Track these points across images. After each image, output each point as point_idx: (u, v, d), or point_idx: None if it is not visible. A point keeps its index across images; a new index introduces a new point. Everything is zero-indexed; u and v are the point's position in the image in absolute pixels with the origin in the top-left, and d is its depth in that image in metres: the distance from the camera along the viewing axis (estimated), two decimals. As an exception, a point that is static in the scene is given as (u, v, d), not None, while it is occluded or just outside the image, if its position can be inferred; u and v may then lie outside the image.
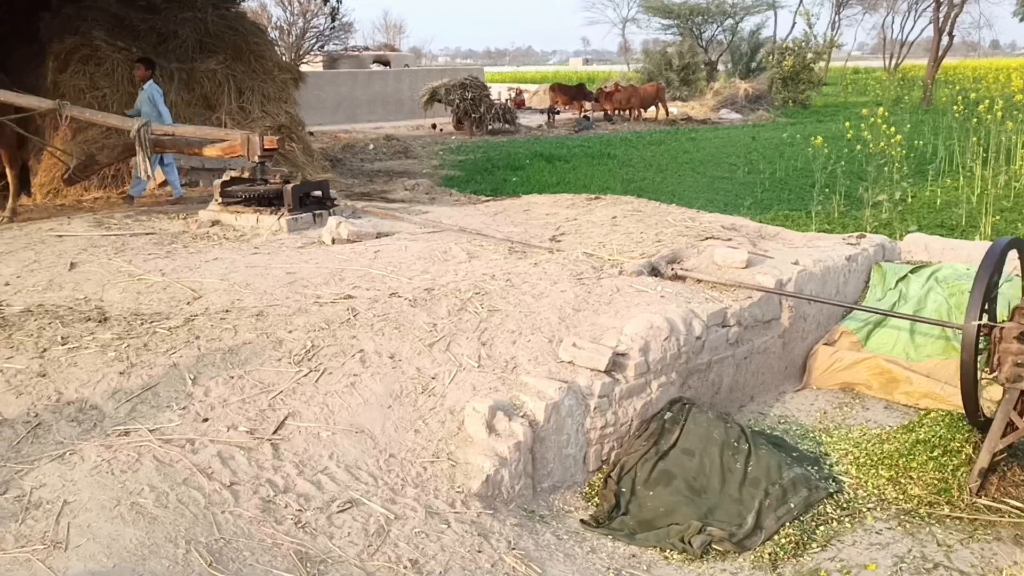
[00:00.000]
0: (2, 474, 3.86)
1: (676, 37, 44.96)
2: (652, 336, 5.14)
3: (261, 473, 4.01)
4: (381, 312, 5.47)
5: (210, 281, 6.24)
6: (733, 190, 14.04)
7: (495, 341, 5.15)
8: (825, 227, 10.46)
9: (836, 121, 24.21)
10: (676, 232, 7.46)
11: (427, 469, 4.27)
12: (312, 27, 32.77)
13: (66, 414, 4.36)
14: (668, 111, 29.81)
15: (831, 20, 49.39)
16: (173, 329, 5.22)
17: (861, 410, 5.99)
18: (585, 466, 4.84)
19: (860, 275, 7.03)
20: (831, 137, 15.75)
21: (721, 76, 39.68)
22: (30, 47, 12.67)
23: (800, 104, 33.10)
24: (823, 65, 38.49)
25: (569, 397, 4.66)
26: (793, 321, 6.30)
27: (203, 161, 11.24)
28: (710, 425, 4.99)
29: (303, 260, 6.89)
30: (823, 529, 4.48)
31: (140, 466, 3.93)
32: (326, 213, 8.42)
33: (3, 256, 7.13)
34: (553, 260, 6.57)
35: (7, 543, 3.39)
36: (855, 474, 5.00)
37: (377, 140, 21.75)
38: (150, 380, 4.66)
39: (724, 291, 5.98)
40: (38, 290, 6.13)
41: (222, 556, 3.44)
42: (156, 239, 7.81)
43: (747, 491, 4.63)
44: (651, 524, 4.49)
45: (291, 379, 4.72)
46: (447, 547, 3.78)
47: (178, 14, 13.35)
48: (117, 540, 3.43)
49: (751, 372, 6.01)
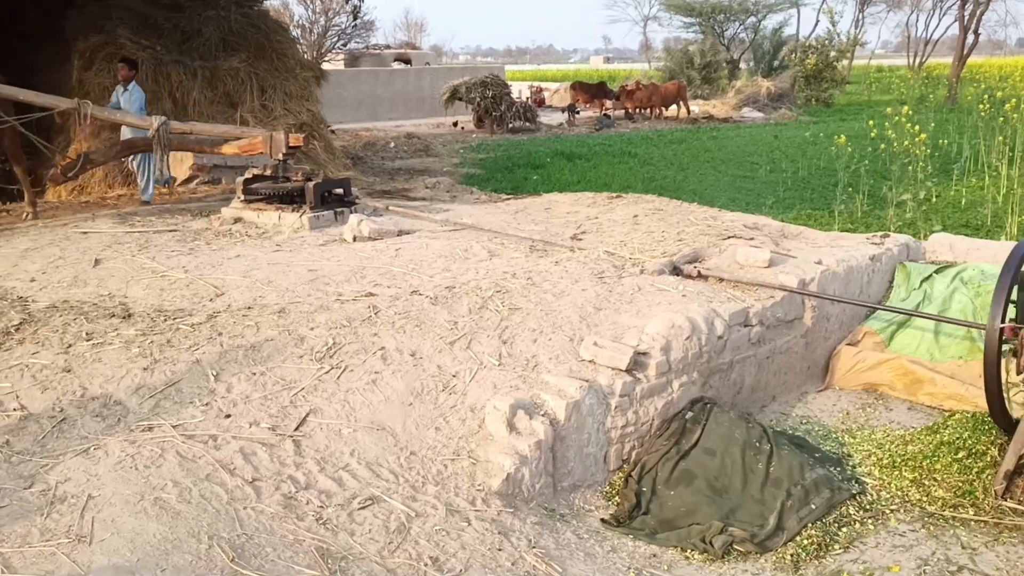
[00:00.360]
0: (28, 468, 3.90)
1: (698, 35, 44.79)
2: (674, 335, 5.12)
3: (283, 469, 4.02)
4: (402, 310, 5.48)
5: (232, 278, 6.28)
6: (755, 189, 13.96)
7: (516, 339, 5.15)
8: (848, 226, 10.38)
9: (859, 120, 24.02)
10: (698, 231, 7.43)
11: (448, 467, 4.27)
12: (334, 25, 32.90)
13: (91, 409, 4.40)
14: (689, 109, 29.70)
15: (855, 18, 49.14)
16: (196, 326, 5.26)
17: (884, 411, 5.94)
18: (606, 465, 4.83)
19: (884, 275, 6.97)
20: (854, 136, 15.62)
21: (743, 74, 39.48)
22: (55, 45, 12.79)
23: (823, 103, 32.88)
24: (846, 63, 38.25)
25: (590, 396, 4.65)
26: (816, 321, 6.26)
27: (225, 159, 11.29)
28: (732, 425, 4.97)
29: (325, 257, 6.91)
30: (846, 531, 4.44)
31: (163, 461, 3.95)
32: (347, 211, 8.45)
33: (29, 252, 7.20)
34: (574, 259, 6.56)
35: (32, 537, 3.42)
36: (878, 475, 4.96)
37: (398, 138, 21.80)
38: (173, 376, 4.69)
39: (746, 290, 5.95)
40: (63, 286, 6.18)
41: (244, 552, 3.46)
42: (179, 236, 7.86)
43: (769, 492, 4.61)
44: (672, 524, 4.47)
45: (313, 376, 4.74)
46: (468, 545, 3.78)
47: (202, 12, 13.43)
48: (141, 535, 3.46)
49: (773, 372, 5.98)
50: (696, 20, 45.59)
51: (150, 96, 12.22)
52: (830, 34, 36.26)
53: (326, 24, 32.74)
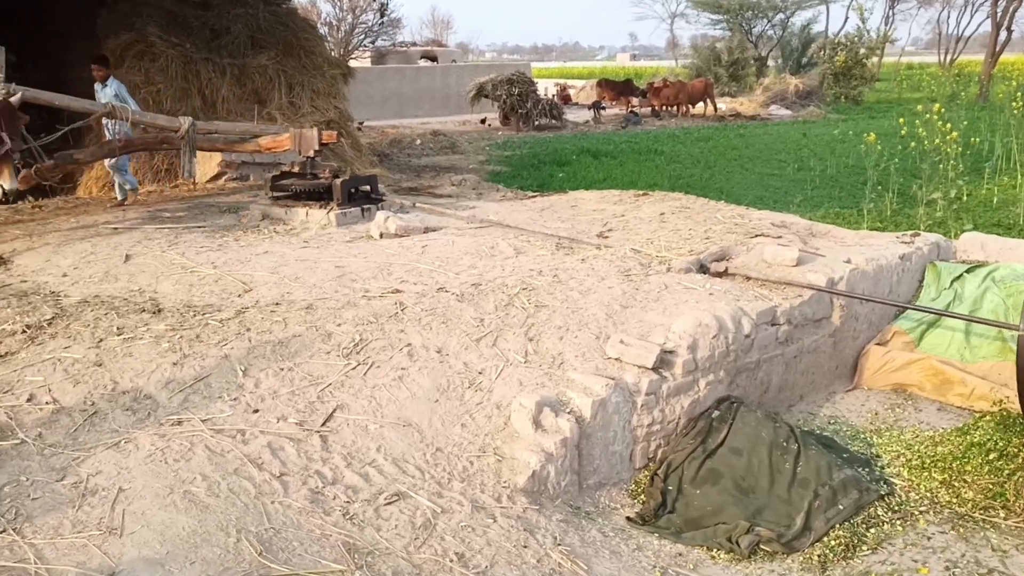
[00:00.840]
0: (60, 461, 3.95)
1: (725, 32, 44.47)
2: (700, 334, 5.10)
3: (310, 464, 4.05)
4: (428, 307, 5.49)
5: (260, 274, 6.32)
6: (783, 187, 13.86)
7: (542, 337, 5.15)
8: (877, 225, 10.28)
9: (889, 117, 23.79)
10: (725, 229, 7.39)
11: (473, 463, 4.28)
12: (361, 23, 33.03)
13: (121, 403, 4.45)
14: (716, 107, 29.52)
15: (885, 14, 48.62)
16: (225, 321, 5.30)
17: (914, 411, 5.89)
18: (631, 463, 4.82)
19: (914, 274, 6.91)
20: (884, 134, 15.46)
21: (771, 72, 39.18)
22: (87, 43, 12.92)
23: (852, 100, 32.56)
24: (876, 61, 37.82)
25: (616, 394, 4.64)
26: (844, 320, 6.21)
27: (253, 155, 11.37)
28: (759, 424, 4.94)
29: (352, 254, 6.95)
30: (874, 532, 4.41)
31: (192, 455, 3.99)
32: (374, 208, 8.48)
33: (61, 248, 7.29)
34: (600, 256, 6.55)
35: (65, 528, 3.47)
36: (907, 476, 4.92)
37: (424, 135, 21.83)
38: (202, 371, 4.73)
39: (774, 289, 5.91)
40: (94, 281, 6.25)
41: (272, 546, 3.49)
42: (208, 232, 7.92)
43: (796, 492, 4.58)
44: (698, 523, 4.46)
45: (340, 372, 4.77)
46: (493, 541, 3.79)
47: (231, 10, 13.51)
48: (170, 528, 3.49)
49: (801, 371, 5.94)
50: (724, 17, 45.29)
51: (180, 93, 12.35)
52: (859, 31, 35.93)
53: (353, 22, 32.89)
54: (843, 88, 32.83)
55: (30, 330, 5.18)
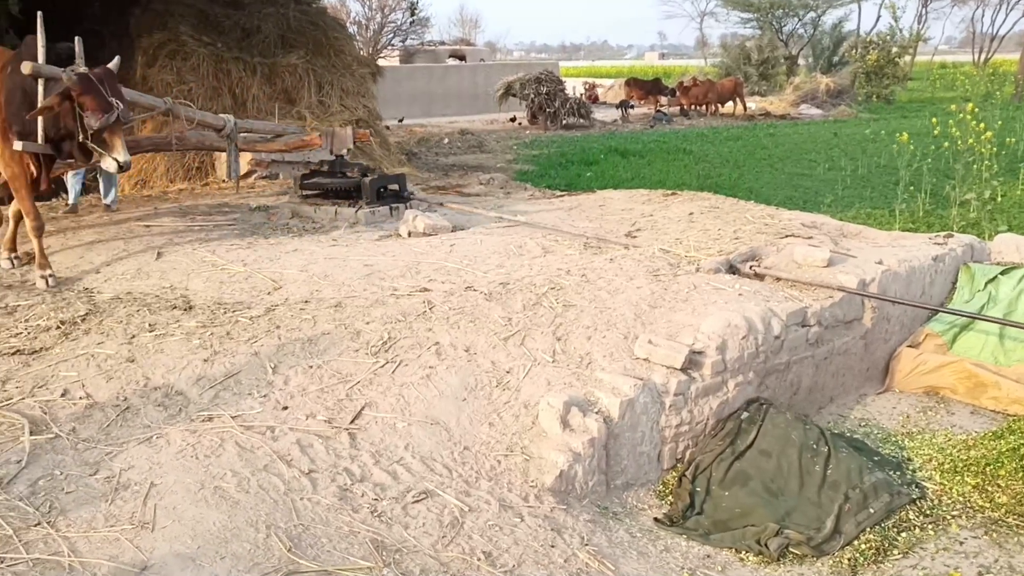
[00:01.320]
0: (93, 455, 3.99)
1: (755, 31, 44.16)
2: (729, 334, 5.07)
3: (339, 462, 4.07)
4: (457, 305, 5.50)
5: (290, 272, 6.36)
6: (813, 187, 13.74)
7: (570, 336, 5.14)
8: (909, 226, 10.16)
9: (922, 117, 23.50)
10: (755, 229, 7.34)
11: (501, 462, 4.28)
12: (390, 22, 33.10)
13: (153, 399, 4.50)
14: (746, 106, 29.33)
15: (918, 13, 48.01)
16: (254, 318, 5.34)
17: (946, 415, 5.82)
18: (659, 464, 4.80)
19: (947, 276, 6.82)
20: (916, 133, 15.26)
21: (801, 71, 38.86)
22: (121, 42, 13.05)
23: (884, 99, 32.20)
24: (908, 59, 37.41)
25: (644, 394, 4.62)
26: (876, 322, 6.15)
27: (283, 154, 11.44)
28: (788, 426, 4.91)
29: (380, 252, 6.97)
30: (905, 536, 4.37)
31: (223, 451, 4.03)
32: (403, 206, 8.51)
33: (94, 245, 7.37)
34: (629, 256, 6.53)
35: (98, 522, 3.51)
36: (939, 480, 4.87)
37: (452, 134, 21.88)
38: (232, 368, 4.77)
39: (804, 290, 5.87)
40: (127, 278, 6.32)
41: (301, 542, 3.51)
42: (238, 230, 7.99)
43: (826, 494, 4.54)
44: (726, 525, 4.44)
45: (368, 370, 4.79)
46: (520, 541, 3.79)
47: (261, 9, 13.61)
48: (201, 523, 3.52)
49: (831, 373, 5.88)
50: (754, 15, 44.97)
51: (211, 92, 12.44)
52: (892, 29, 35.55)
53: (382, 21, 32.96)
54: (875, 87, 32.49)
55: (64, 326, 5.25)
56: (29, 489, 3.72)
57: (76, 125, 6.01)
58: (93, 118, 5.90)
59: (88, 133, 5.95)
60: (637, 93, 30.60)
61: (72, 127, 6.06)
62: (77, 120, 5.98)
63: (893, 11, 35.91)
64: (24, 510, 3.57)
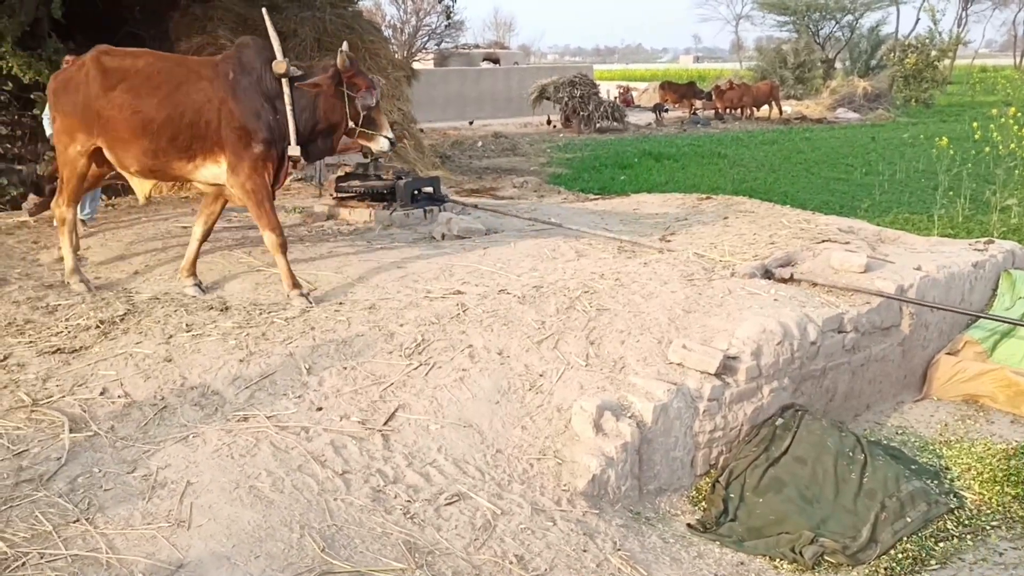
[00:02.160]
0: (131, 453, 4.05)
1: (792, 34, 43.84)
2: (764, 340, 5.03)
3: (372, 463, 4.09)
4: (490, 308, 5.51)
5: (324, 274, 6.40)
6: (850, 192, 13.60)
7: (603, 340, 5.13)
8: (948, 232, 10.03)
9: (961, 121, 23.19)
10: (790, 234, 7.28)
11: (533, 466, 4.28)
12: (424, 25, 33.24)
13: (190, 398, 4.55)
14: (782, 110, 29.11)
15: (957, 16, 47.45)
16: (290, 320, 5.38)
17: (985, 424, 5.73)
18: (692, 470, 4.77)
19: (987, 282, 6.72)
20: (956, 138, 15.07)
21: (838, 74, 38.49)
22: (161, 46, 13.22)
23: (923, 103, 31.82)
24: (948, 63, 36.91)
25: (678, 399, 4.60)
26: (914, 329, 6.07)
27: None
28: (824, 433, 4.86)
29: (414, 255, 7.00)
30: (943, 546, 4.31)
31: (258, 451, 4.06)
32: (437, 209, 8.53)
33: (134, 246, 7.47)
34: (663, 260, 6.50)
35: (135, 520, 3.55)
36: (978, 490, 4.79)
37: (486, 137, 21.92)
38: (268, 368, 4.81)
39: (841, 296, 5.81)
40: (164, 279, 6.40)
41: (334, 542, 3.53)
42: (274, 232, 8.04)
43: (862, 503, 4.49)
44: (760, 532, 4.40)
45: (402, 372, 4.81)
46: (552, 545, 3.78)
47: (298, 13, 13.73)
48: (236, 522, 3.56)
49: (868, 380, 5.82)
50: (790, 18, 44.66)
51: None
52: (931, 32, 35.13)
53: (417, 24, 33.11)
54: (913, 91, 32.10)
55: (103, 325, 5.33)
56: (68, 486, 3.78)
57: (344, 111, 5.91)
58: (369, 96, 5.90)
59: (360, 116, 5.91)
60: (672, 97, 30.49)
61: (336, 117, 5.96)
62: (346, 104, 5.90)
63: (932, 14, 35.55)
64: (63, 507, 3.62)
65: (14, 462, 3.93)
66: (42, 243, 7.78)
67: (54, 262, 6.82)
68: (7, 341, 5.16)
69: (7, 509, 3.59)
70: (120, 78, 5.76)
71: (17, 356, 4.95)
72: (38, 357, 4.93)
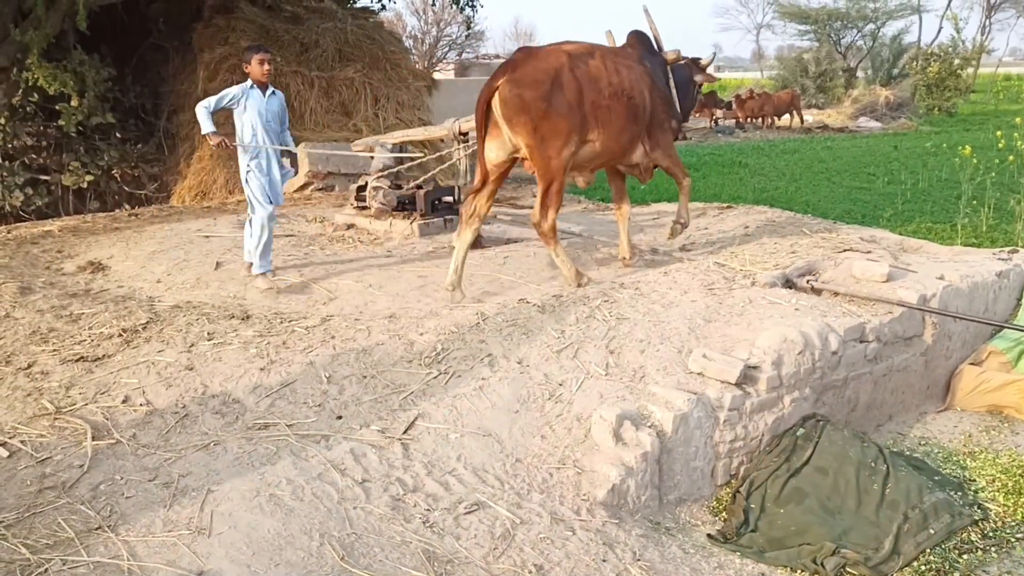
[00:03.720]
0: (152, 461, 4.07)
1: (813, 43, 43.64)
2: (786, 349, 5.00)
3: (391, 472, 4.10)
4: (510, 317, 5.51)
5: (345, 283, 6.43)
6: (872, 201, 13.51)
7: (623, 349, 5.11)
8: (972, 241, 9.93)
9: (985, 130, 22.99)
10: (812, 243, 7.24)
11: (553, 475, 4.27)
12: (445, 35, 33.45)
13: (211, 406, 4.57)
14: (803, 119, 28.98)
15: (981, 24, 47.07)
16: (310, 328, 5.41)
17: (1010, 434, 5.66)
18: (713, 480, 4.75)
19: (1012, 292, 6.65)
20: (980, 147, 14.96)
21: (860, 83, 38.27)
22: (184, 57, 13.39)
23: (945, 112, 31.58)
24: (971, 72, 36.63)
25: (698, 409, 4.58)
26: (936, 339, 6.01)
27: (339, 166, 11.61)
28: (845, 443, 4.81)
29: (434, 264, 7.02)
30: (967, 558, 4.25)
31: (278, 459, 4.08)
32: (456, 218, 8.55)
33: (156, 255, 7.54)
34: (683, 269, 6.47)
35: (156, 527, 3.58)
36: (1002, 502, 4.73)
37: (506, 147, 21.91)
38: (288, 377, 4.83)
39: (862, 305, 5.77)
40: (186, 287, 6.45)
41: (353, 551, 3.54)
42: (295, 241, 8.10)
43: (884, 514, 4.44)
44: (781, 543, 4.36)
45: (421, 380, 4.81)
46: (572, 554, 3.77)
47: (320, 24, 13.84)
48: (256, 529, 3.57)
49: (890, 390, 5.76)
50: (811, 27, 44.41)
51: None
52: (954, 41, 34.87)
53: (438, 34, 33.33)
54: (936, 100, 31.86)
55: (126, 334, 5.37)
56: (91, 493, 3.81)
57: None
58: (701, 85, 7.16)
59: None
60: (693, 106, 30.37)
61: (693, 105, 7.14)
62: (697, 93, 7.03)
63: (955, 22, 35.26)
64: (86, 514, 3.65)
65: (37, 469, 3.97)
66: (66, 252, 7.87)
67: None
68: (31, 349, 5.22)
69: (30, 516, 3.62)
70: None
71: (41, 364, 5.01)
72: (61, 365, 4.98)
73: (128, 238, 8.38)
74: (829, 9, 43.23)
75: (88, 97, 11.44)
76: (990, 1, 47.35)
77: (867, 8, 42.25)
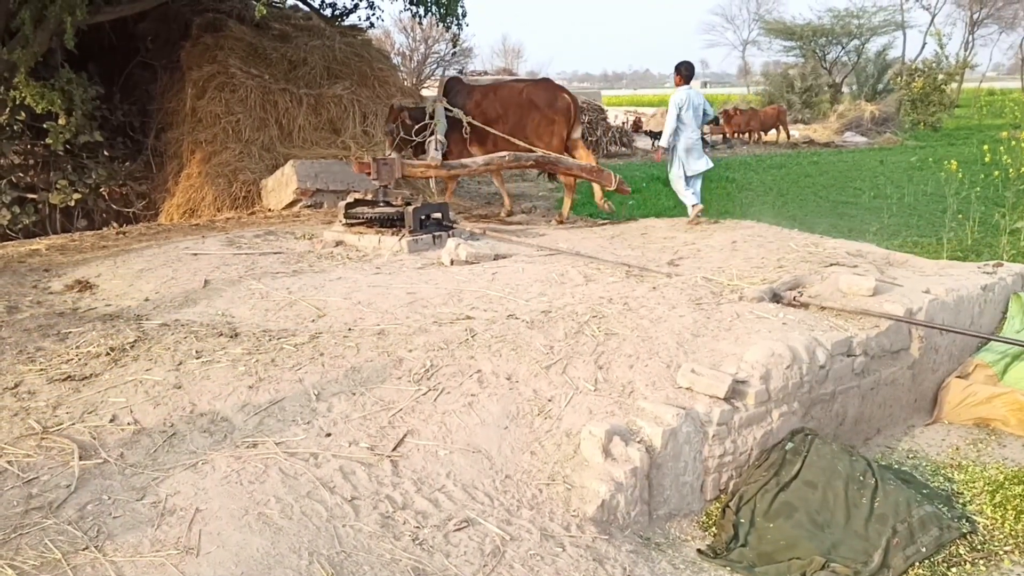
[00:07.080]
0: (140, 480, 4.05)
1: (798, 59, 44.01)
2: (773, 364, 5.02)
3: (381, 489, 4.08)
4: (499, 333, 5.51)
5: (334, 300, 6.43)
6: (858, 215, 13.60)
7: (612, 365, 5.13)
8: (958, 255, 10.01)
9: (969, 144, 23.20)
10: (798, 258, 7.28)
11: (542, 491, 4.27)
12: (433, 52, 33.54)
13: (199, 425, 4.55)
14: (789, 134, 29.17)
15: (964, 40, 47.56)
16: (299, 346, 5.40)
17: (997, 447, 5.69)
18: (702, 494, 4.75)
19: (997, 305, 6.70)
20: (965, 161, 15.10)
21: (845, 98, 38.60)
22: (172, 75, 13.42)
23: (930, 127, 31.87)
24: (955, 86, 36.98)
25: (687, 424, 4.59)
26: (923, 352, 6.05)
27: (328, 183, 11.63)
28: (834, 457, 4.83)
29: (423, 281, 7.02)
30: (955, 571, 4.26)
31: (267, 478, 4.06)
32: (445, 235, 8.57)
33: (144, 273, 7.52)
34: (671, 284, 6.50)
35: (144, 547, 3.55)
36: (990, 515, 4.75)
37: (494, 163, 21.96)
38: (277, 395, 4.82)
39: (849, 319, 5.80)
40: (175, 305, 6.43)
41: (343, 569, 3.52)
42: (283, 258, 8.09)
43: (873, 527, 4.46)
44: (771, 557, 4.37)
45: (411, 397, 4.81)
46: (562, 571, 3.76)
47: (308, 42, 13.90)
48: (245, 548, 3.55)
49: (878, 404, 5.79)
50: (796, 44, 44.82)
51: (258, 123, 12.71)
52: (938, 56, 35.22)
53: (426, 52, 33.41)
54: (921, 114, 32.17)
55: (113, 352, 5.35)
56: (78, 513, 3.78)
57: None
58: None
59: None
60: (679, 121, 30.54)
61: None
62: None
63: (938, 38, 35.64)
64: (72, 534, 3.63)
65: (24, 489, 3.95)
66: (53, 271, 7.85)
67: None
68: (18, 368, 5.19)
69: (17, 536, 3.59)
70: None
71: (28, 383, 4.98)
72: (48, 384, 4.95)
73: (116, 256, 8.35)
74: (814, 26, 43.69)
75: (76, 115, 11.44)
76: (973, 17, 47.86)
77: (851, 24, 42.70)
